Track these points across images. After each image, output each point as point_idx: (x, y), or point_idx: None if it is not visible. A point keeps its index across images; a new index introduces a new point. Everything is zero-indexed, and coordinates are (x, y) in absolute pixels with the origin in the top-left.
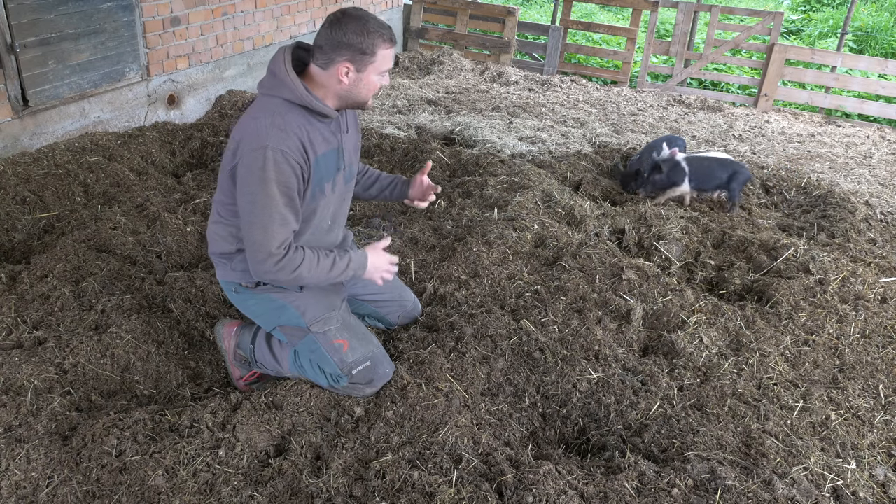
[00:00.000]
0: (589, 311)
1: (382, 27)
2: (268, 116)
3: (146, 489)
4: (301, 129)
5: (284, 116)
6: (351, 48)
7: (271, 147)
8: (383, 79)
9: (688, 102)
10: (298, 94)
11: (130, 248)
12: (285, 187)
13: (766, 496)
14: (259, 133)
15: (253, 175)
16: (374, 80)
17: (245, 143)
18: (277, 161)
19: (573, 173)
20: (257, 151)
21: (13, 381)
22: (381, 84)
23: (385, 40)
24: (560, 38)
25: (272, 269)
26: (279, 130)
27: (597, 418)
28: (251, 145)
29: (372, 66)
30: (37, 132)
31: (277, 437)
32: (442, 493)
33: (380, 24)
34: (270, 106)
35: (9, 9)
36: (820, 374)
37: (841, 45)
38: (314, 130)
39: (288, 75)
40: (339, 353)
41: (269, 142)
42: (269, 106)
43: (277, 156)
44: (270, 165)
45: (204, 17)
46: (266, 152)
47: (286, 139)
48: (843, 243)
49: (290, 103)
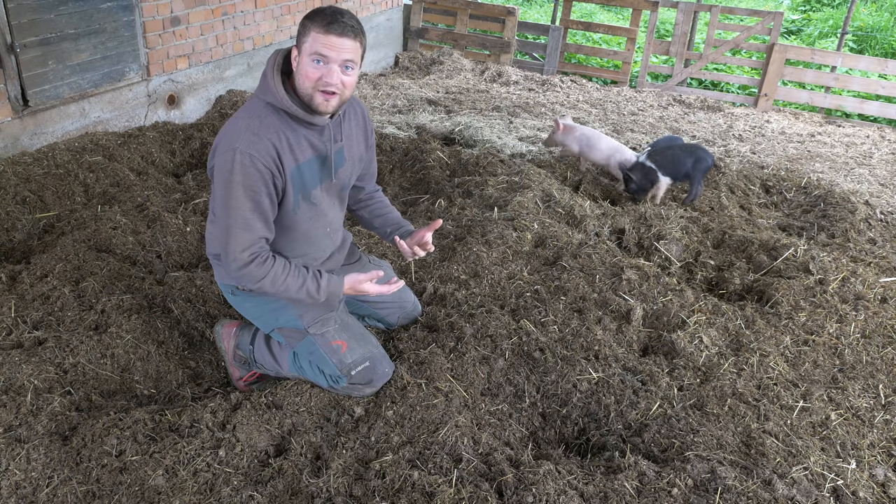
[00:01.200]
0: (589, 311)
1: (322, 14)
2: (245, 119)
3: (146, 489)
4: (279, 134)
5: (263, 120)
6: (298, 35)
7: (240, 150)
8: (319, 68)
9: (688, 102)
10: (279, 97)
11: (130, 248)
12: (251, 191)
13: (766, 496)
14: (232, 135)
15: (222, 177)
16: (305, 65)
17: (220, 144)
18: (244, 164)
19: (573, 173)
20: (227, 153)
21: (13, 381)
22: (318, 75)
23: (325, 24)
24: (560, 37)
25: (236, 274)
26: (251, 134)
27: (597, 418)
28: (224, 146)
29: (305, 45)
30: (37, 132)
31: (277, 437)
32: (442, 493)
33: (322, 12)
34: (252, 108)
35: (9, 9)
36: (820, 373)
37: (841, 45)
38: (296, 136)
39: (273, 78)
40: (337, 355)
41: (239, 144)
42: (251, 108)
43: (245, 159)
44: (238, 168)
45: (204, 17)
46: (235, 155)
47: (257, 143)
48: (843, 243)
49: (271, 107)
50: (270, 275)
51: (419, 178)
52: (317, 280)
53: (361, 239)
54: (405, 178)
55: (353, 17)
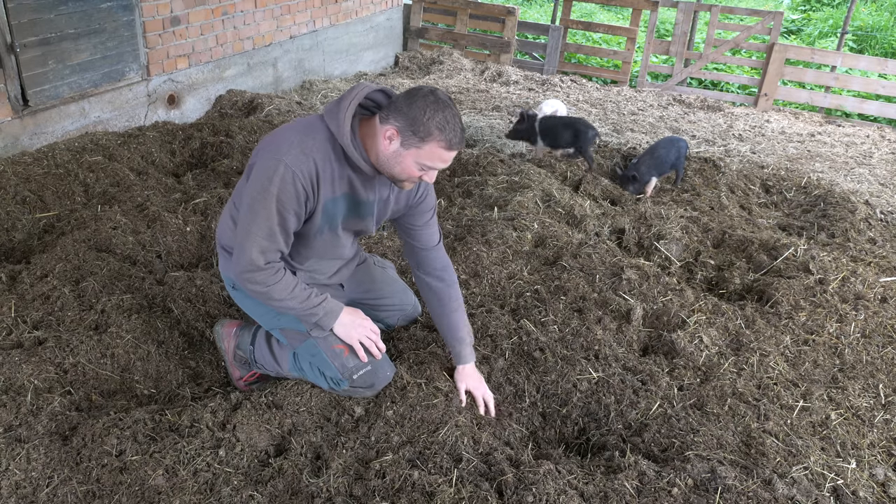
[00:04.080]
0: (589, 311)
1: (451, 127)
2: (301, 133)
3: (146, 489)
4: (326, 162)
5: (317, 143)
6: (406, 119)
7: (285, 163)
8: (425, 173)
9: (688, 102)
10: (342, 132)
11: (130, 247)
12: (283, 206)
13: (766, 496)
14: (283, 144)
15: (260, 181)
16: (411, 166)
17: (268, 147)
18: (285, 179)
19: (573, 173)
20: (272, 161)
21: (13, 381)
22: (419, 175)
23: (444, 140)
24: (560, 37)
25: (243, 275)
26: (301, 152)
27: (597, 418)
28: (271, 152)
29: (416, 150)
30: (37, 132)
31: (277, 437)
32: (442, 493)
33: (451, 124)
34: (312, 127)
35: (9, 9)
36: (820, 373)
37: (841, 45)
38: (341, 171)
39: (346, 111)
40: (339, 359)
41: (287, 158)
42: (311, 126)
43: (287, 174)
44: (277, 180)
45: (204, 17)
46: (279, 166)
47: (304, 162)
48: (843, 243)
49: (330, 135)
50: (280, 285)
51: None
52: (319, 294)
53: (360, 239)
54: None
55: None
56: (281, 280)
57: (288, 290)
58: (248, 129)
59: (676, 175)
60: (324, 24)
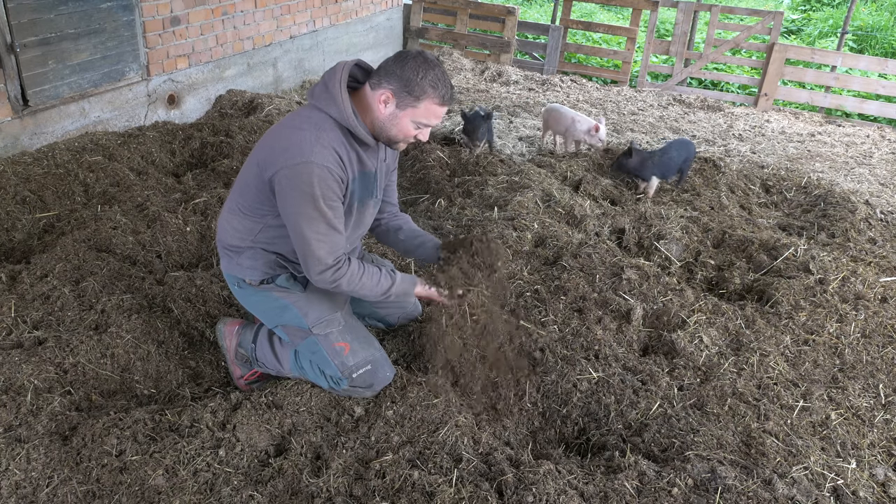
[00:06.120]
0: (589, 311)
1: (443, 83)
2: (313, 130)
3: (146, 489)
4: (341, 148)
5: (329, 133)
6: (400, 81)
7: (317, 164)
8: (420, 131)
9: (688, 102)
10: (345, 115)
11: (130, 247)
12: (331, 201)
13: (766, 496)
14: (303, 147)
15: (297, 190)
16: (408, 126)
17: (287, 154)
18: (322, 177)
19: (573, 173)
20: (301, 167)
21: (13, 381)
22: (416, 135)
23: (437, 96)
24: (560, 37)
25: (317, 278)
26: (322, 147)
27: (597, 418)
28: (294, 158)
29: (412, 110)
30: (37, 132)
31: (277, 437)
32: (442, 493)
33: (442, 80)
34: (315, 119)
35: (9, 9)
36: (820, 373)
37: (841, 45)
38: (351, 152)
39: (341, 93)
40: (340, 357)
41: (315, 158)
42: (315, 119)
43: (323, 172)
44: (316, 182)
45: (204, 17)
46: (312, 168)
47: (330, 156)
48: (843, 243)
49: (334, 121)
50: (347, 275)
51: (419, 177)
52: (391, 278)
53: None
54: (405, 177)
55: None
56: (348, 270)
57: (357, 279)
58: (248, 129)
59: (680, 177)
60: (324, 24)
